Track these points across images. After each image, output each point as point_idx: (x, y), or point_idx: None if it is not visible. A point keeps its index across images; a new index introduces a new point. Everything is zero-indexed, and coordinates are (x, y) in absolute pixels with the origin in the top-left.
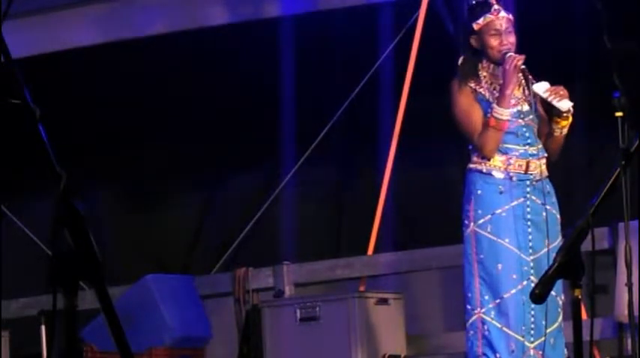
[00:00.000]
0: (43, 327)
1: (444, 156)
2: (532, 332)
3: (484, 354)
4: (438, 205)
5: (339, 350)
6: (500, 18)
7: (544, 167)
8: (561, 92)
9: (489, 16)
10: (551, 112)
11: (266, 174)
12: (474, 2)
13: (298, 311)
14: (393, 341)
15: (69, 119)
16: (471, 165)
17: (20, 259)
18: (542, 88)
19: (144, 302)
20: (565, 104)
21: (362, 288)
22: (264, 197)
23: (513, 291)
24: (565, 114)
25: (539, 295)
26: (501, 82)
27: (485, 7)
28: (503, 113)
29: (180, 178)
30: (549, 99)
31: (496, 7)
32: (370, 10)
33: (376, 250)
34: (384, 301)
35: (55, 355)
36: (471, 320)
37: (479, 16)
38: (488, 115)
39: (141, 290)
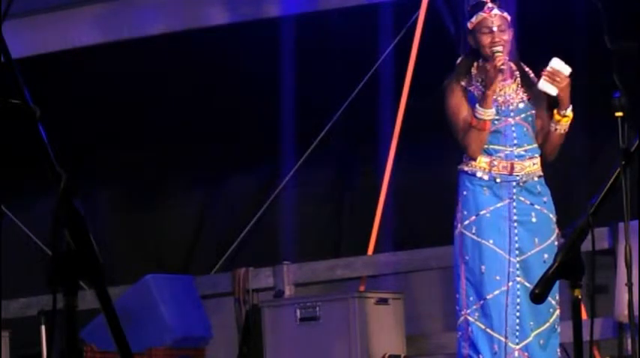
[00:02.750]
0: (43, 327)
1: (444, 156)
2: (517, 333)
3: (469, 355)
4: (438, 205)
5: (339, 350)
6: (493, 16)
7: (535, 167)
8: (556, 78)
9: (482, 14)
10: (554, 103)
11: (266, 174)
12: (473, 2)
13: (298, 311)
14: (393, 341)
15: (69, 119)
16: (460, 167)
17: (20, 259)
18: (556, 64)
19: (144, 302)
20: (544, 86)
21: (362, 288)
22: (264, 197)
23: (496, 293)
24: (563, 112)
25: (539, 295)
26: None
27: (479, 6)
28: (484, 113)
29: (180, 178)
30: (543, 75)
31: (489, 5)
32: (370, 10)
33: (376, 250)
34: (384, 301)
35: (55, 355)
36: (459, 322)
37: (473, 15)
38: (472, 115)
39: (141, 290)
